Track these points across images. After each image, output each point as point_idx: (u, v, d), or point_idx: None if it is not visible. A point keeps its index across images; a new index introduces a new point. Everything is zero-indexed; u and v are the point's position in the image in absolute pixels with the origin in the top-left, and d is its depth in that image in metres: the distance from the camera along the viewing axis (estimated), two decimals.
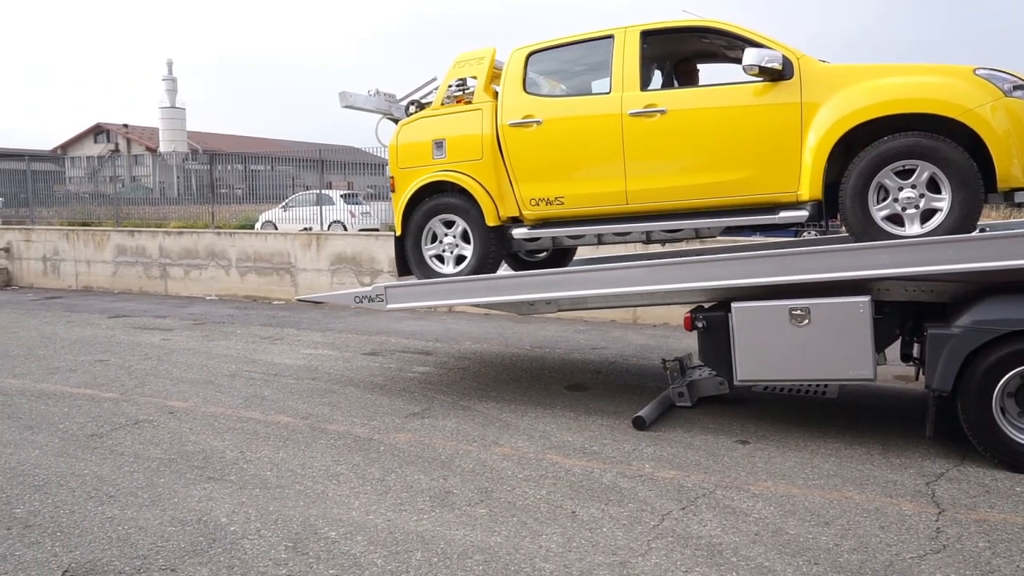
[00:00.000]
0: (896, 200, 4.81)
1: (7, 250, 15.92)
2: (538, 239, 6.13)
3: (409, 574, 3.36)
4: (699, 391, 5.96)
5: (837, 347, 4.80)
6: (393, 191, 6.49)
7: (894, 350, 5.33)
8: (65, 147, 59.00)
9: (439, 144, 6.19)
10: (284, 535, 3.76)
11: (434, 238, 6.31)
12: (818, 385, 6.43)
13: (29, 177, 17.29)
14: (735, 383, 5.21)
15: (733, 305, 5.07)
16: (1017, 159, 4.60)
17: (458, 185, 6.09)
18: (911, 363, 5.32)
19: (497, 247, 6.10)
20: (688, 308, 5.63)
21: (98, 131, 62.36)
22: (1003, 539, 3.63)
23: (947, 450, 4.81)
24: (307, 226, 15.01)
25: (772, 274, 4.98)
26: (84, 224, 15.95)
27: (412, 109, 6.72)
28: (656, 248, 7.27)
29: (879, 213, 4.84)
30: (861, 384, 6.45)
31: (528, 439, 5.26)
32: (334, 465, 4.78)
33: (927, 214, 4.75)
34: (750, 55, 4.97)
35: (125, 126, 60.90)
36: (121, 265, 14.73)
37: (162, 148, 51.29)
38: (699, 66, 6.17)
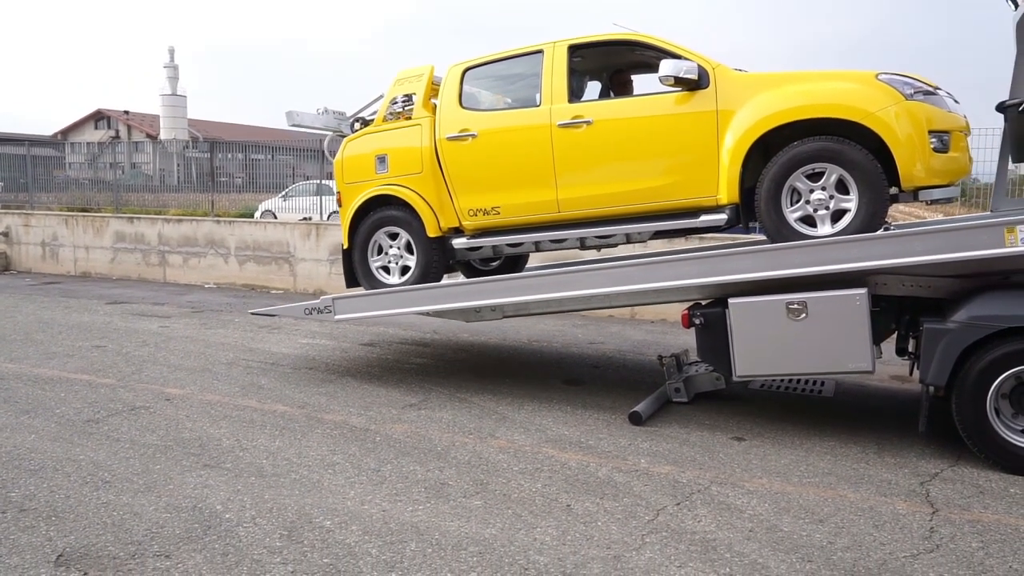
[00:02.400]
0: (808, 202, 4.96)
1: (6, 235, 15.90)
2: (479, 248, 6.24)
3: (403, 565, 3.37)
4: (696, 387, 5.98)
5: (835, 340, 4.81)
6: (340, 205, 6.70)
7: (889, 348, 5.34)
8: (65, 132, 58.82)
9: (382, 159, 6.41)
10: (279, 523, 3.77)
11: (380, 250, 6.52)
12: (814, 382, 6.45)
13: (29, 162, 17.24)
14: (734, 378, 5.22)
15: (730, 301, 5.08)
16: (919, 160, 4.73)
17: (400, 198, 6.29)
18: (907, 357, 5.33)
19: (440, 257, 6.28)
20: (684, 306, 5.64)
21: (99, 117, 62.17)
22: (996, 539, 3.64)
23: (942, 450, 4.83)
24: (307, 216, 14.98)
25: (698, 276, 5.10)
26: (83, 210, 15.93)
27: (357, 126, 6.93)
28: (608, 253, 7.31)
29: (792, 215, 4.99)
30: (857, 383, 6.48)
31: (524, 432, 5.27)
32: (330, 455, 4.78)
33: (837, 214, 4.89)
34: (666, 66, 5.12)
35: (126, 113, 60.74)
36: (120, 252, 14.72)
37: (163, 135, 51.12)
38: (634, 77, 6.28)
